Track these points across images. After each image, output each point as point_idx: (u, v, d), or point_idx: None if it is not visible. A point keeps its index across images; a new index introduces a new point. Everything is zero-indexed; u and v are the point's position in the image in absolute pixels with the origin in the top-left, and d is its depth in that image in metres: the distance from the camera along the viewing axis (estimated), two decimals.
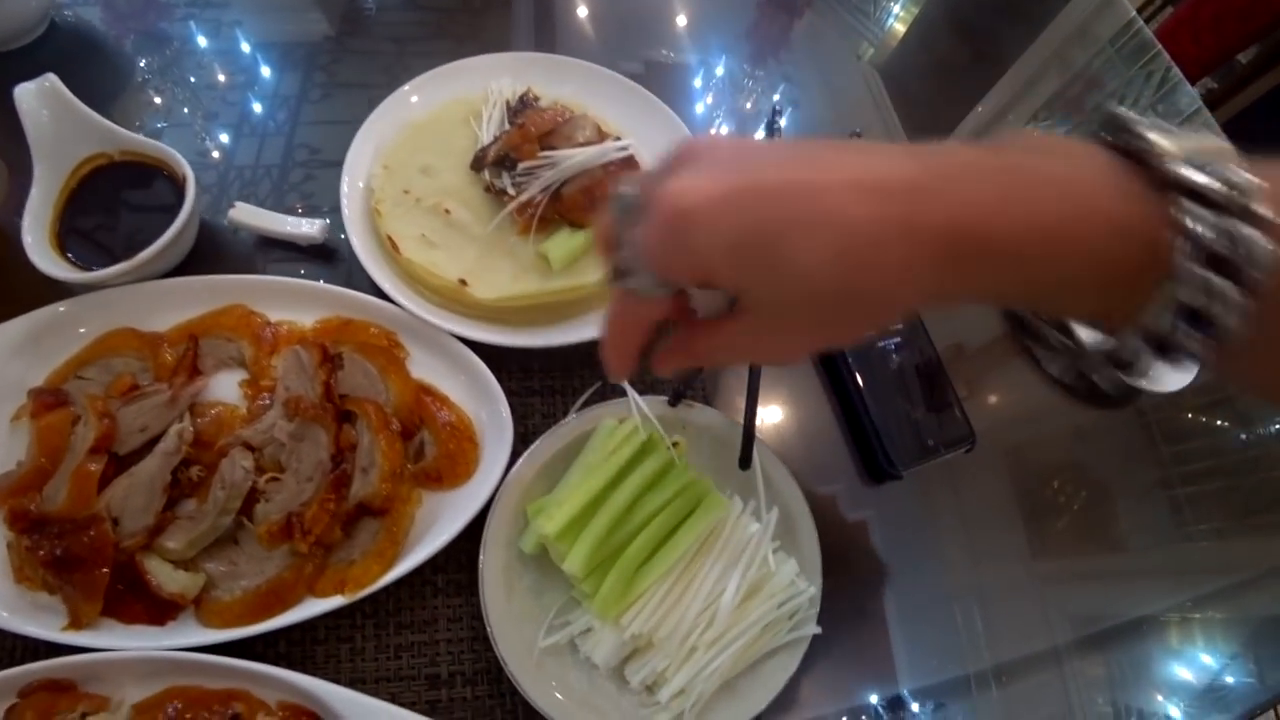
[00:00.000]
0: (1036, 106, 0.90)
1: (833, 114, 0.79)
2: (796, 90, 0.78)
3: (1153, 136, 0.22)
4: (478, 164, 0.54)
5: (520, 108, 0.57)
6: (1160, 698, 0.53)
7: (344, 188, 0.53)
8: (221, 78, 0.66)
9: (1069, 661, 0.53)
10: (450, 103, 0.58)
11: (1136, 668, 0.54)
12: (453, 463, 0.46)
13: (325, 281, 0.52)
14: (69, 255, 0.50)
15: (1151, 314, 0.22)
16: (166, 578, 0.42)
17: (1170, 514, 0.61)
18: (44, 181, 0.50)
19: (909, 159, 0.24)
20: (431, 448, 0.46)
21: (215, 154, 0.61)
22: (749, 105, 0.76)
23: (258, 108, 0.65)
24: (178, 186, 0.52)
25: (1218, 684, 0.54)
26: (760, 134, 0.73)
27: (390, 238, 0.50)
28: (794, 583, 0.45)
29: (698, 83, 0.77)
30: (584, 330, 0.51)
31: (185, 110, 0.63)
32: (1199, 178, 0.21)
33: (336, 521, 0.43)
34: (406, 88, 0.58)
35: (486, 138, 0.55)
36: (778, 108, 0.73)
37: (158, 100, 0.64)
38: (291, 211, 0.57)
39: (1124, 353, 0.23)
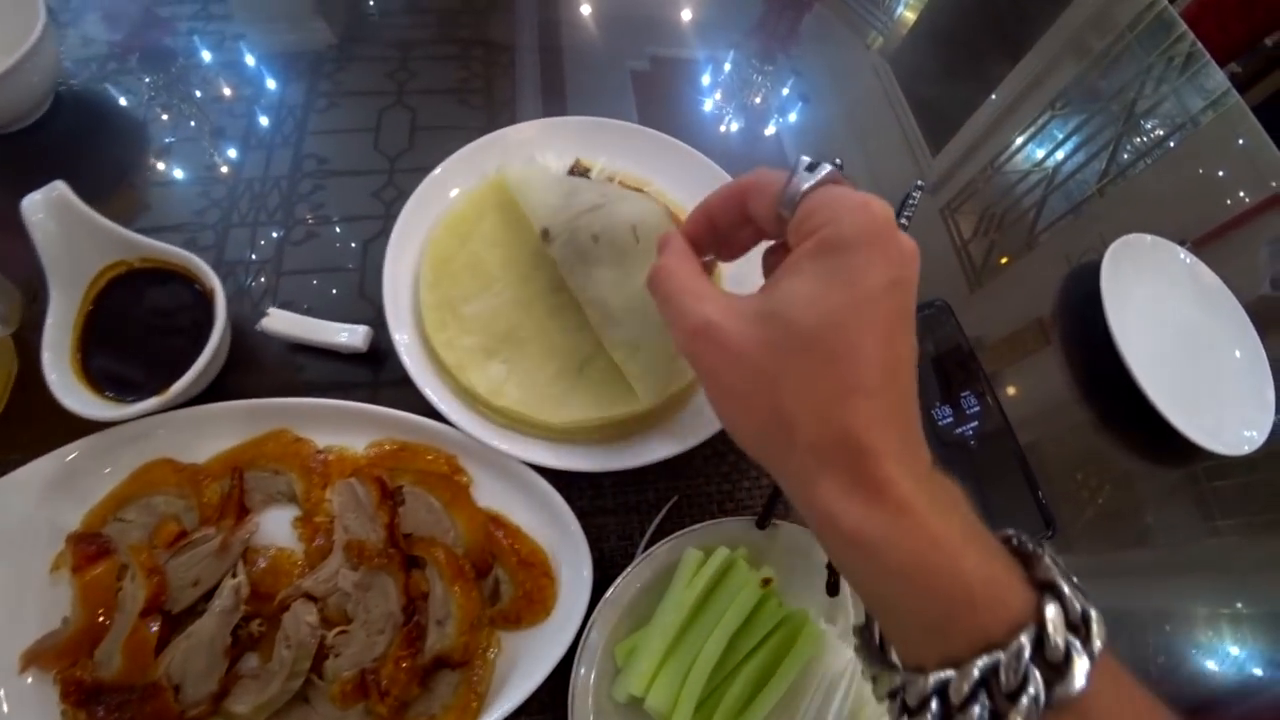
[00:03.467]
0: (1053, 94, 0.87)
1: (843, 108, 0.78)
2: (805, 84, 0.77)
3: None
4: None
5: None
6: (1187, 692, 0.52)
7: (385, 296, 0.48)
8: (227, 91, 0.65)
9: None
10: (491, 185, 0.53)
11: (1161, 663, 0.53)
12: (530, 602, 0.43)
13: (372, 386, 0.49)
14: (93, 381, 0.46)
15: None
16: None
17: (1197, 508, 0.60)
18: (60, 302, 0.45)
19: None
20: (507, 587, 0.43)
21: (224, 169, 0.60)
22: (758, 100, 0.75)
23: (264, 120, 0.63)
24: (204, 294, 0.48)
25: (1247, 675, 0.53)
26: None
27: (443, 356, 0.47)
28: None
29: (705, 79, 0.75)
30: (661, 447, 0.46)
31: (192, 124, 0.62)
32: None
33: (414, 678, 0.40)
34: (439, 172, 0.53)
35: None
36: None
37: (165, 117, 0.62)
38: (327, 315, 0.51)
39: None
